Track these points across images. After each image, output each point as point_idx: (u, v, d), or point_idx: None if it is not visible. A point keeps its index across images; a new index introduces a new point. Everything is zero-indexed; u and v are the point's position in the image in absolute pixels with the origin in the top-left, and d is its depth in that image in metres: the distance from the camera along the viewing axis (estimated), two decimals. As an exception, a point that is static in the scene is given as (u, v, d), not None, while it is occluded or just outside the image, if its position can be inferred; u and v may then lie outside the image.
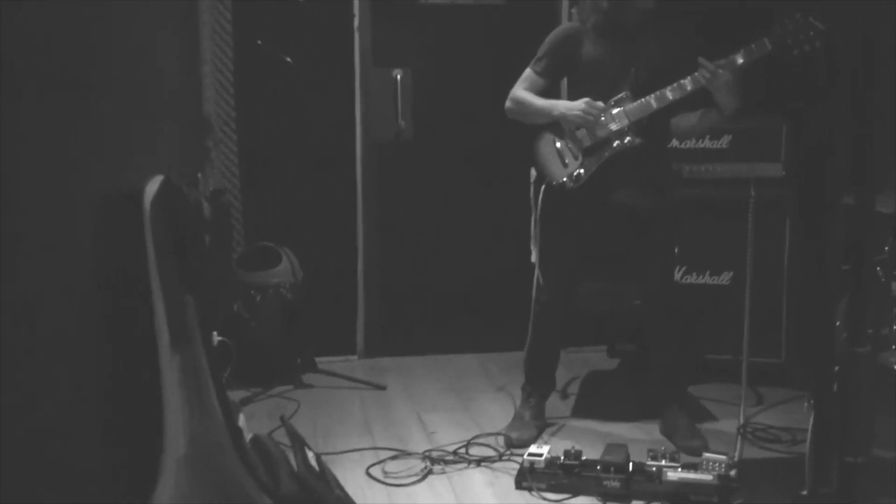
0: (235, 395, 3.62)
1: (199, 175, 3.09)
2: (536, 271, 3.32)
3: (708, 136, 3.85)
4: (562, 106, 3.17)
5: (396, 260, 4.40)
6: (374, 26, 4.22)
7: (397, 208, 4.37)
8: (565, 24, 3.33)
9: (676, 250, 3.53)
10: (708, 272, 3.91)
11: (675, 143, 3.81)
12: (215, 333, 2.59)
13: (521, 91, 3.25)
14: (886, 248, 2.72)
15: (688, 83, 3.02)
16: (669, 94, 3.04)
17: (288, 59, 3.84)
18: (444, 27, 4.30)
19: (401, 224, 4.38)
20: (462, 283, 4.43)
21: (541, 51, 3.26)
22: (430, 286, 4.43)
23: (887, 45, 2.11)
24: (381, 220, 4.35)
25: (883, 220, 2.75)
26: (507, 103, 3.28)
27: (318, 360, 4.09)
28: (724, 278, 3.88)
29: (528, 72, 3.27)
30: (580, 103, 3.12)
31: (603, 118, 3.12)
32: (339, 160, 4.25)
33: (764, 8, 3.21)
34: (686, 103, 3.11)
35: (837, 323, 3.14)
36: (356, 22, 4.18)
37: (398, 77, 4.25)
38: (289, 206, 4.16)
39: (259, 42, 3.84)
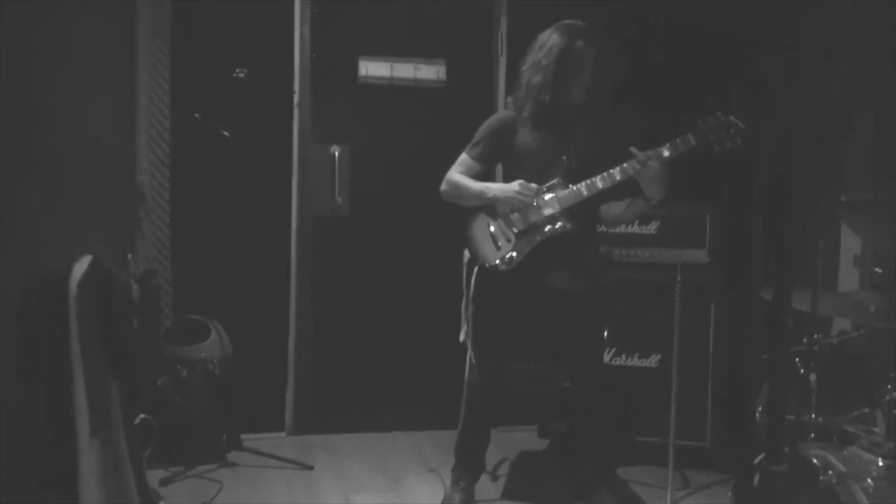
0: (155, 475, 3.50)
1: (129, 256, 3.04)
2: (469, 352, 3.33)
3: (637, 222, 3.97)
4: (496, 189, 3.23)
5: (329, 335, 4.36)
6: (313, 102, 4.26)
7: (331, 284, 4.35)
8: (501, 112, 3.42)
9: (606, 333, 3.59)
10: (637, 354, 3.98)
11: (604, 227, 3.91)
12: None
13: (457, 175, 3.31)
14: (805, 340, 2.82)
15: (617, 173, 3.11)
16: (599, 182, 3.13)
17: (225, 133, 3.84)
18: (384, 105, 4.37)
19: (334, 299, 4.36)
20: (394, 361, 4.41)
21: (477, 136, 3.33)
22: (362, 363, 4.39)
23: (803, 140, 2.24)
24: (314, 295, 4.32)
25: (802, 314, 2.85)
26: (443, 186, 3.33)
27: (244, 437, 3.99)
28: (653, 361, 3.95)
29: (463, 156, 3.34)
30: (514, 185, 3.18)
31: (536, 203, 3.19)
32: (273, 234, 4.23)
33: (691, 105, 3.35)
34: (614, 192, 3.20)
35: (759, 410, 3.23)
36: (296, 98, 4.22)
37: (336, 153, 4.29)
38: (220, 278, 4.11)
39: (197, 115, 3.84)
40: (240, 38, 4.10)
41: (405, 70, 4.37)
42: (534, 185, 3.16)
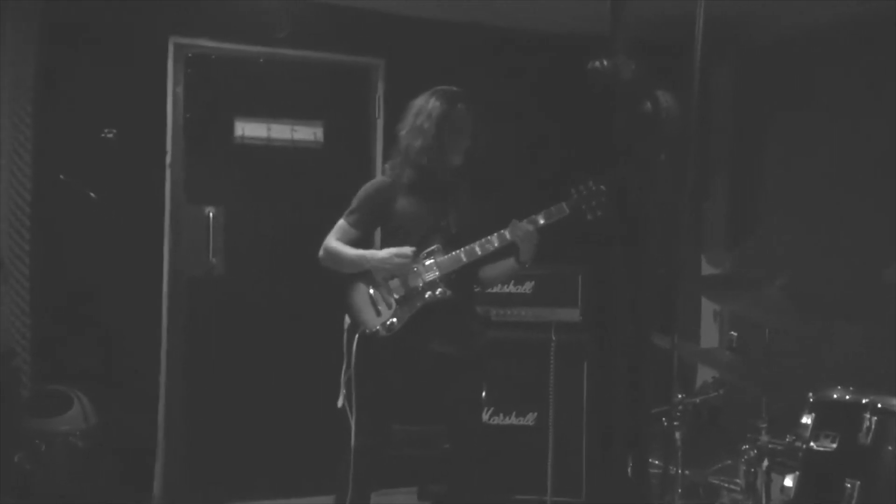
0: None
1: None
2: (351, 418, 3.30)
3: (513, 282, 4.07)
4: (370, 258, 3.25)
5: (202, 402, 4.21)
6: (187, 163, 4.18)
7: (206, 347, 4.22)
8: (379, 178, 3.45)
9: (484, 393, 3.65)
10: (514, 413, 4.04)
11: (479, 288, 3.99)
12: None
13: (334, 241, 3.30)
14: (681, 396, 2.96)
15: (495, 239, 3.19)
16: (478, 249, 3.20)
17: (92, 195, 3.70)
18: (261, 166, 4.33)
19: (209, 364, 4.23)
20: (271, 427, 4.30)
21: (354, 203, 3.34)
22: (236, 430, 4.26)
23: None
24: (188, 359, 4.18)
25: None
26: (321, 253, 3.31)
27: (110, 513, 3.78)
28: (529, 419, 4.03)
29: (341, 222, 3.34)
30: (390, 254, 3.20)
31: (415, 269, 3.22)
32: (144, 297, 4.08)
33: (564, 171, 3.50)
34: (490, 254, 3.28)
35: (630, 466, 3.35)
36: (168, 158, 4.12)
37: (211, 214, 4.21)
38: (85, 346, 3.92)
39: (62, 177, 3.68)
40: (109, 98, 3.98)
41: (282, 131, 4.36)
42: (408, 249, 3.19)
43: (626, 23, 1.51)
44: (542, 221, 3.17)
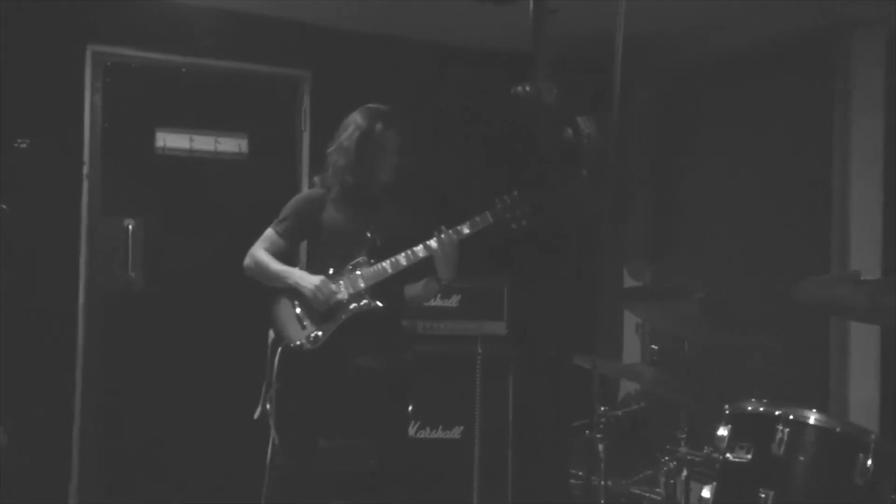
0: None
1: None
2: (272, 432, 3.25)
3: (439, 295, 4.08)
4: (297, 276, 3.22)
5: (119, 420, 4.09)
6: (105, 174, 4.06)
7: (124, 363, 4.10)
8: (309, 190, 3.44)
9: (410, 407, 3.64)
10: (441, 426, 4.04)
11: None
12: None
13: (261, 252, 3.27)
14: (603, 408, 3.01)
15: (420, 250, 3.20)
16: (403, 260, 3.21)
17: (3, 206, 3.57)
18: (183, 178, 4.24)
19: (126, 382, 4.10)
20: (190, 446, 4.19)
21: (283, 213, 3.32)
22: (154, 448, 4.14)
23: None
24: (105, 376, 4.05)
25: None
26: (247, 261, 3.28)
27: (21, 537, 3.63)
28: (456, 432, 4.03)
29: (269, 232, 3.31)
30: (315, 281, 3.18)
31: (341, 281, 3.21)
32: (58, 312, 3.94)
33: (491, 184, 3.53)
34: (410, 273, 3.28)
35: (553, 478, 3.39)
36: (86, 169, 4.00)
37: (130, 226, 4.10)
38: (-5, 363, 3.76)
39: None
40: (24, 107, 3.85)
41: (205, 142, 4.28)
42: (332, 287, 3.18)
43: (548, 49, 1.54)
44: (466, 231, 3.20)
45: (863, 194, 3.78)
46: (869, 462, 2.23)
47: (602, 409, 3.11)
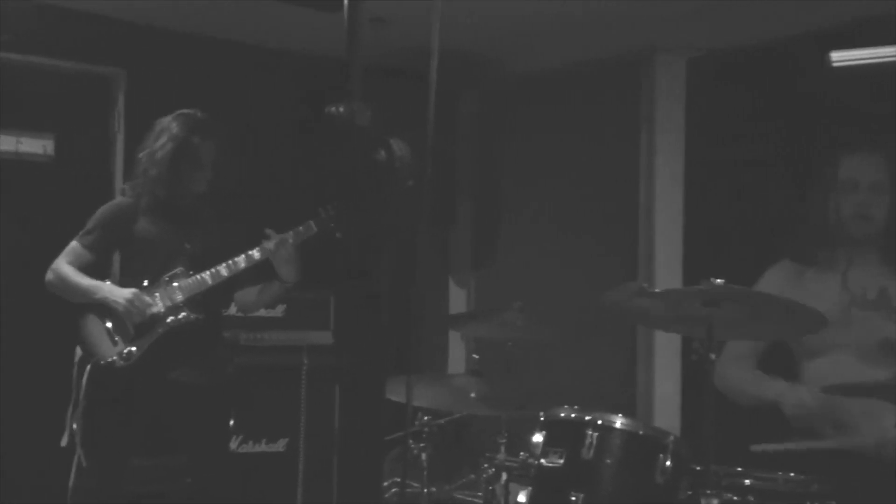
0: None
1: None
2: (78, 453, 3.07)
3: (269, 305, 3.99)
4: (107, 290, 3.06)
5: None
6: None
7: None
8: (118, 199, 3.26)
9: (232, 422, 3.54)
10: (264, 440, 3.96)
11: (233, 310, 3.88)
12: None
13: (65, 265, 3.07)
14: (416, 422, 3.05)
15: (242, 260, 3.13)
16: (224, 270, 3.12)
17: None
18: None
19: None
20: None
21: (90, 224, 3.13)
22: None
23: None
24: None
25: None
26: (49, 276, 3.07)
27: None
28: (280, 445, 3.97)
29: (74, 244, 3.11)
30: (126, 294, 3.03)
31: (157, 293, 3.08)
32: None
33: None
34: (248, 277, 3.20)
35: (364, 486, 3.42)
36: None
37: (-84, 233, 3.73)
38: None
39: None
40: None
41: (5, 142, 3.95)
42: (148, 300, 3.04)
43: (362, 64, 1.54)
44: (290, 241, 3.15)
45: (666, 209, 4.06)
46: (668, 462, 2.38)
47: (425, 417, 3.16)
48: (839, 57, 1.21)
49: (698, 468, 2.40)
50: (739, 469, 2.49)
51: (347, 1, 1.50)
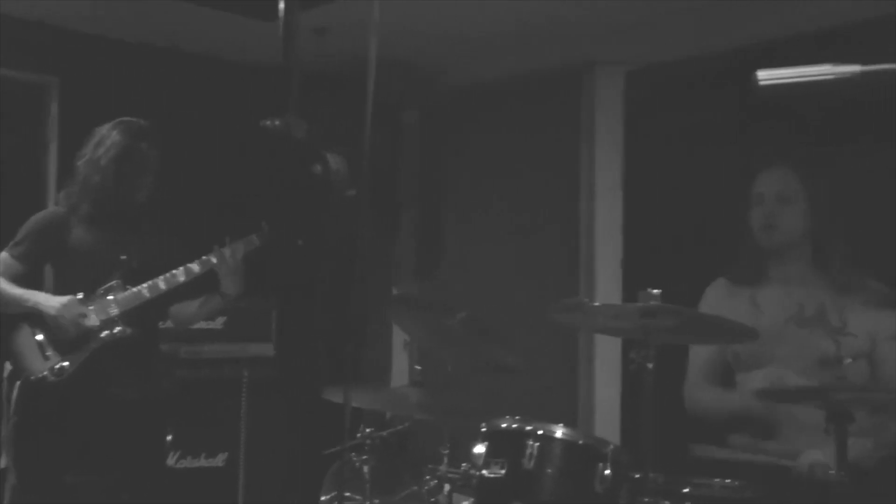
0: None
1: None
2: (10, 474, 2.98)
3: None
4: (39, 297, 2.98)
5: None
6: None
7: None
8: (51, 208, 3.18)
9: (170, 437, 3.48)
10: (203, 455, 3.89)
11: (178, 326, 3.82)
12: None
13: (-6, 277, 2.98)
14: (358, 434, 3.03)
15: (181, 273, 3.07)
16: (162, 283, 3.06)
17: None
18: None
19: None
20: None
21: (20, 234, 3.05)
22: None
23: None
24: None
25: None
26: (-23, 286, 2.98)
27: None
28: (220, 459, 3.90)
29: (4, 255, 3.03)
30: (60, 300, 2.95)
31: (91, 307, 3.01)
32: None
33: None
34: (186, 290, 3.15)
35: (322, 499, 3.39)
36: None
37: None
38: None
39: None
40: None
41: (-69, 151, 3.84)
42: (82, 309, 2.97)
43: (298, 83, 1.52)
44: (235, 252, 3.11)
45: (606, 221, 4.12)
46: (607, 471, 2.42)
47: (368, 430, 3.14)
48: (765, 76, 1.25)
49: (637, 476, 2.44)
50: (677, 476, 2.53)
51: (283, 12, 1.48)
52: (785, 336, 2.76)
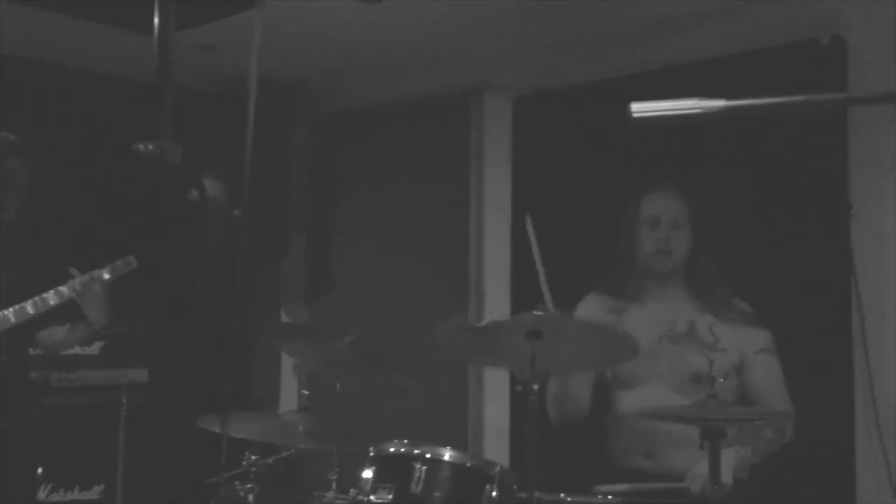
0: None
1: None
2: None
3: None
4: None
5: None
6: None
7: None
8: None
9: (40, 469, 3.29)
10: (77, 487, 3.71)
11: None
12: None
13: None
14: (244, 462, 2.94)
15: (51, 297, 2.94)
16: (30, 308, 2.92)
17: None
18: None
19: None
20: None
21: None
22: None
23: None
24: None
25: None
26: None
27: None
28: (95, 492, 3.73)
29: None
30: None
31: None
32: None
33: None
34: (55, 316, 2.99)
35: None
36: None
37: None
38: None
39: None
40: None
41: None
42: None
43: (172, 103, 1.47)
44: (106, 276, 2.99)
45: (494, 243, 4.17)
46: (494, 493, 2.42)
47: (252, 457, 3.05)
48: (638, 108, 1.28)
49: (523, 496, 2.45)
50: (562, 495, 2.56)
51: (157, 27, 1.43)
52: (659, 353, 2.83)
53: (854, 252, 3.21)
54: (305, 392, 3.09)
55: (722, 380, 2.48)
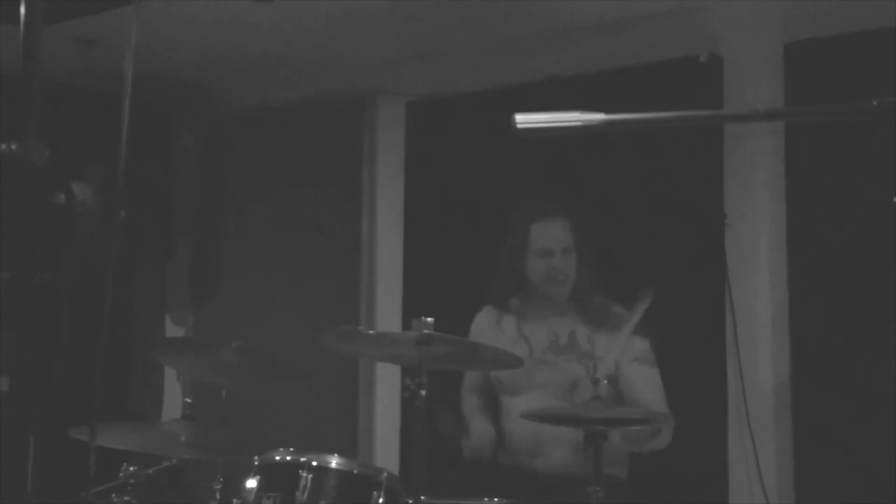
0: None
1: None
2: None
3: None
4: None
5: None
6: None
7: None
8: None
9: None
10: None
11: None
12: None
13: None
14: (121, 474, 2.82)
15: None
16: None
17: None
18: None
19: None
20: None
21: None
22: None
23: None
24: None
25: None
26: None
27: None
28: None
29: None
30: None
31: None
32: None
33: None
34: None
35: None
36: None
37: None
38: None
39: None
40: None
41: None
42: None
43: (39, 104, 1.39)
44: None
45: (387, 249, 4.16)
46: (381, 499, 2.41)
47: (131, 468, 2.93)
48: (522, 119, 1.30)
49: (410, 502, 2.45)
50: (448, 500, 2.58)
51: (24, 21, 1.35)
52: (543, 363, 2.96)
53: (728, 260, 3.37)
54: (188, 400, 2.99)
55: (605, 381, 2.57)
